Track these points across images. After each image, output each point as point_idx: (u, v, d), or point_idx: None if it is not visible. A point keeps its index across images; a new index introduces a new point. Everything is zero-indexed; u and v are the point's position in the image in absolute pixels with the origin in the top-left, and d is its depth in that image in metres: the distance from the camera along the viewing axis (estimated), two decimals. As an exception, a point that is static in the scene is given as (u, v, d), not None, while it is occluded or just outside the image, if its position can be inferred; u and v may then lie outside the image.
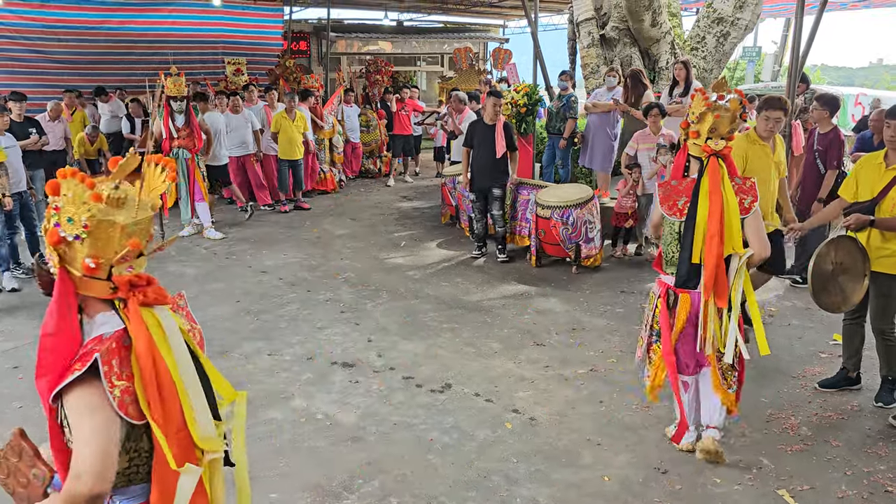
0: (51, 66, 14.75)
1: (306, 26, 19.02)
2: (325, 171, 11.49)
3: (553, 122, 9.15)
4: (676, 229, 3.50)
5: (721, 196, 3.33)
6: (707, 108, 3.45)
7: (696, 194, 3.39)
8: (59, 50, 14.80)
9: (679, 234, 3.48)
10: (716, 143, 3.40)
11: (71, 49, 14.90)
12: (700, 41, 10.63)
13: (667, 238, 3.59)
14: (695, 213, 3.36)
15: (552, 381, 4.61)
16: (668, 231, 3.57)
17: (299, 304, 6.10)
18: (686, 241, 3.40)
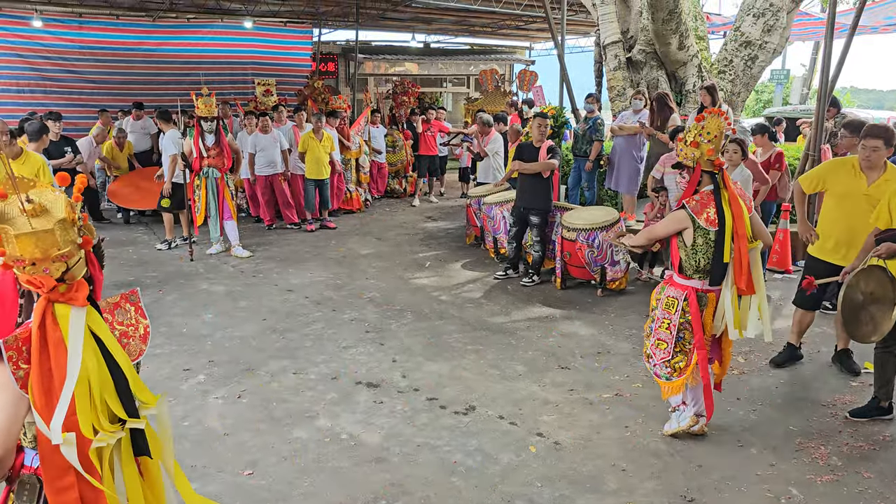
0: (86, 87, 15.12)
1: (334, 48, 19.29)
2: (351, 190, 11.60)
3: (579, 145, 9.17)
4: (712, 238, 3.83)
5: (739, 202, 3.85)
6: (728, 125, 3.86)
7: (718, 204, 3.81)
8: (95, 70, 15.17)
9: (712, 242, 3.82)
10: (720, 158, 3.88)
11: (106, 69, 15.27)
12: (728, 64, 10.60)
13: (699, 248, 3.86)
14: (723, 219, 3.79)
15: (577, 405, 4.59)
16: (703, 242, 3.84)
17: (324, 323, 6.14)
18: (719, 245, 3.80)
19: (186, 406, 4.53)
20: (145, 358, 2.49)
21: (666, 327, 3.99)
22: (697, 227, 3.84)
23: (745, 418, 4.39)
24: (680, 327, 3.94)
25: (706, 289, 3.91)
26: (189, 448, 3.99)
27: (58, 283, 1.95)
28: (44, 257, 1.90)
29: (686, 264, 3.93)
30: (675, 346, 3.97)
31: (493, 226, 8.29)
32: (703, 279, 3.90)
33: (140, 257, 8.56)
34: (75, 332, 1.95)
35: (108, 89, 15.20)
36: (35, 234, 1.87)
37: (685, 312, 3.93)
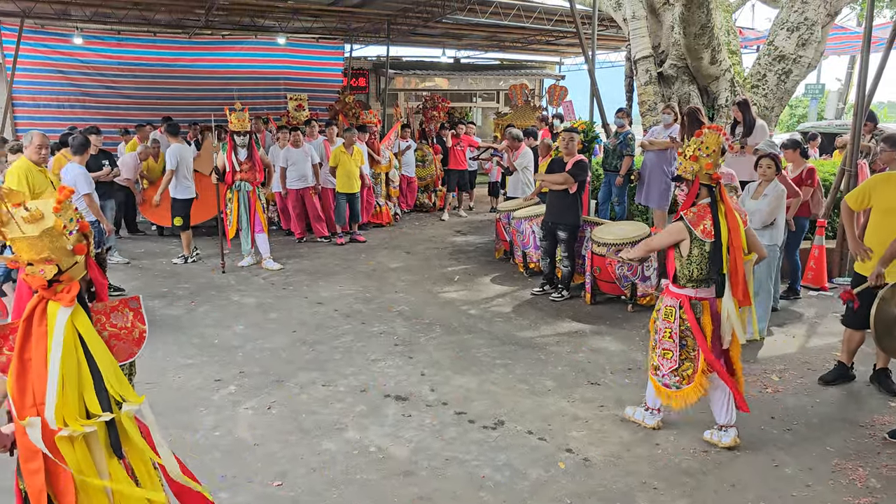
0: (123, 102, 15.48)
1: (365, 63, 19.50)
2: (381, 204, 11.67)
3: (609, 160, 9.13)
4: (707, 249, 3.98)
5: (735, 215, 4.00)
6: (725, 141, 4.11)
7: (715, 216, 3.96)
8: (132, 86, 15.54)
9: (709, 254, 3.97)
10: (718, 172, 4.03)
11: (143, 85, 15.63)
12: (761, 79, 10.50)
13: (694, 259, 4.01)
14: (719, 232, 3.93)
15: (607, 421, 4.54)
16: (698, 253, 3.99)
17: (354, 336, 6.17)
18: (717, 256, 3.94)
19: (217, 416, 4.58)
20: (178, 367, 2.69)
21: (668, 336, 4.15)
22: (694, 238, 3.99)
23: (780, 438, 4.31)
24: (681, 334, 4.11)
25: (699, 297, 4.08)
26: (219, 458, 4.03)
27: (55, 283, 2.19)
28: (37, 259, 2.15)
29: (680, 274, 4.09)
30: (681, 353, 4.11)
31: (523, 240, 8.27)
32: (695, 287, 4.07)
33: (173, 269, 8.69)
34: (58, 329, 2.17)
35: (145, 104, 15.56)
36: (26, 239, 2.12)
37: (683, 320, 4.09)
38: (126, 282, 7.88)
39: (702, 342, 4.04)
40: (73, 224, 2.24)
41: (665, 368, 4.18)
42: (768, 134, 7.88)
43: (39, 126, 13.96)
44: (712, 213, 3.97)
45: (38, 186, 5.99)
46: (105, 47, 15.15)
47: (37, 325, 2.19)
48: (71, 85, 14.97)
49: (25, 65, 14.08)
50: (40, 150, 6.31)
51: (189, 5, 13.31)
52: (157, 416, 4.46)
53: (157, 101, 15.71)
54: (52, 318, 2.18)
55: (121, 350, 2.33)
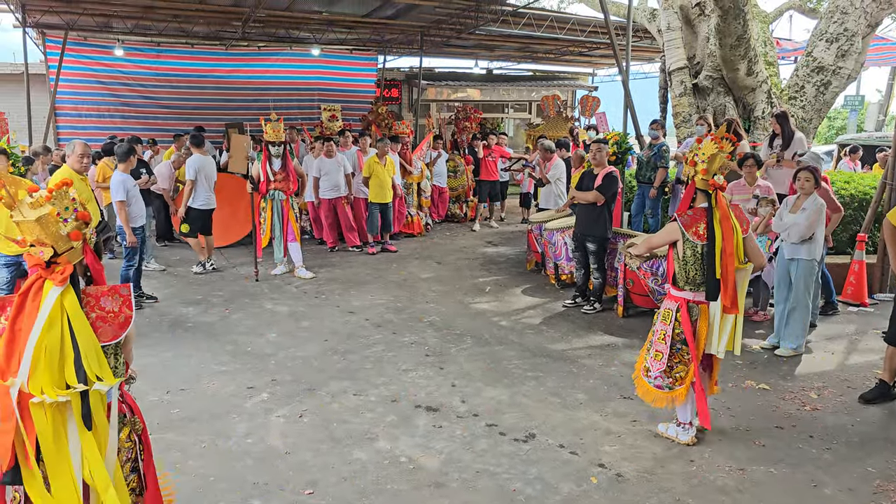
0: (161, 112, 15.79)
1: (398, 74, 19.62)
2: (413, 214, 11.71)
3: (643, 171, 9.05)
4: (699, 251, 4.11)
5: (730, 222, 4.09)
6: (719, 151, 4.09)
7: (710, 221, 4.06)
8: (170, 96, 15.84)
9: (702, 256, 4.10)
10: (719, 179, 4.10)
11: (181, 95, 15.92)
12: (799, 90, 10.35)
13: (689, 260, 4.15)
14: (713, 236, 4.03)
15: (640, 436, 4.48)
16: (691, 254, 4.13)
17: (385, 346, 6.18)
18: (710, 260, 4.05)
19: (250, 423, 4.61)
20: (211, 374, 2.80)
21: (662, 338, 4.27)
22: (686, 239, 4.15)
23: (819, 457, 4.20)
24: (675, 338, 4.21)
25: (697, 300, 4.19)
26: (252, 465, 4.05)
27: (52, 264, 2.42)
28: (36, 241, 2.40)
29: (679, 276, 4.23)
30: (674, 356, 4.21)
31: (555, 252, 8.23)
32: (693, 290, 4.18)
33: (208, 277, 8.80)
34: (45, 305, 2.39)
35: (182, 114, 15.85)
36: (25, 222, 2.37)
37: (678, 323, 4.20)
38: (160, 289, 8.01)
39: (693, 349, 4.17)
40: (70, 213, 2.47)
41: (655, 370, 4.27)
42: (806, 146, 7.75)
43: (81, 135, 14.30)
44: (707, 218, 4.09)
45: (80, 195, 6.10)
46: (145, 59, 15.48)
47: (31, 300, 2.40)
48: (111, 95, 15.32)
49: (68, 76, 14.44)
50: (82, 158, 6.46)
51: (226, 17, 13.55)
52: (190, 421, 4.54)
53: (194, 111, 15.99)
54: (41, 296, 2.40)
55: (105, 332, 2.51)
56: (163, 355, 5.85)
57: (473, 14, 13.32)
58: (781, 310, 6.05)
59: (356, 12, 13.63)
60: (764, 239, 6.71)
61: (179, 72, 15.85)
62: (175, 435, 4.41)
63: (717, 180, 4.10)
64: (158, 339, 6.29)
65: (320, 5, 12.92)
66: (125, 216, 7.24)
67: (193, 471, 3.98)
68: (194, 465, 4.05)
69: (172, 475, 3.88)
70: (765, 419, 4.71)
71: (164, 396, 5.03)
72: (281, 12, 13.18)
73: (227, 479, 3.90)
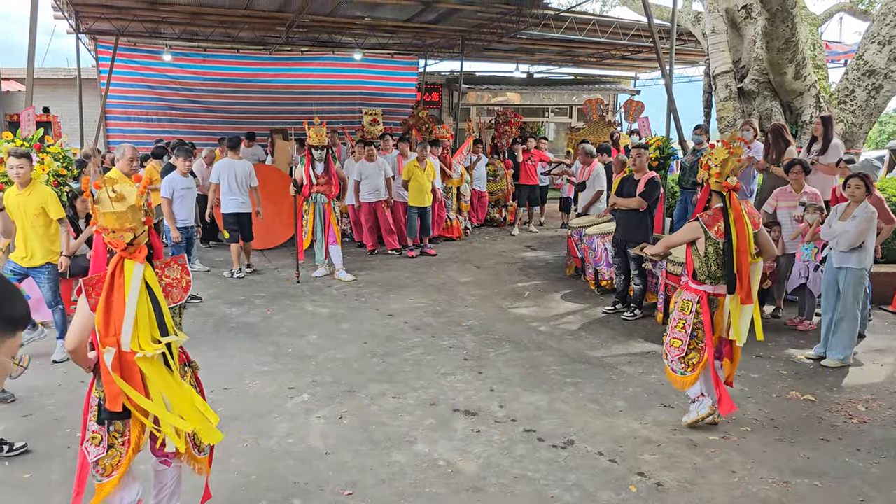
0: (207, 115, 16.12)
1: (439, 78, 19.70)
2: (452, 218, 11.75)
3: (686, 177, 8.94)
4: (721, 248, 4.40)
5: (743, 221, 4.37)
6: (730, 154, 4.39)
7: (726, 221, 4.37)
8: (216, 100, 16.17)
9: (722, 252, 4.39)
10: (732, 181, 4.37)
11: (226, 99, 16.25)
12: (849, 94, 10.11)
13: (710, 256, 4.45)
14: (730, 235, 4.34)
15: (680, 445, 4.42)
16: (713, 251, 4.44)
17: (423, 349, 6.22)
18: (728, 256, 4.34)
19: (291, 424, 4.68)
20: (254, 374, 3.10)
21: (681, 327, 4.56)
22: (709, 237, 4.44)
23: (867, 471, 4.10)
24: (694, 327, 4.51)
25: (717, 293, 4.49)
26: (292, 465, 4.12)
27: (128, 246, 2.94)
28: (119, 228, 2.91)
29: (699, 271, 4.52)
30: (690, 343, 4.51)
31: (595, 257, 8.18)
32: (714, 284, 4.48)
33: (251, 278, 8.96)
34: (135, 280, 2.93)
35: (227, 118, 16.17)
36: (115, 213, 2.89)
37: (698, 314, 4.50)
38: (204, 290, 8.18)
39: (709, 339, 4.44)
40: (144, 202, 3.01)
41: (671, 355, 4.59)
42: (842, 152, 7.58)
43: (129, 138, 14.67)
44: (724, 217, 4.39)
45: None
46: (192, 63, 15.85)
47: (117, 277, 2.93)
48: (159, 99, 15.71)
49: (118, 80, 14.86)
50: (131, 162, 6.64)
51: (271, 23, 13.79)
52: (233, 420, 4.63)
53: (239, 114, 16.31)
54: (129, 272, 2.93)
55: (174, 295, 3.12)
56: (207, 355, 5.98)
57: (514, 18, 13.32)
58: (829, 319, 5.91)
59: (398, 17, 13.75)
60: (811, 246, 6.57)
61: (225, 76, 16.19)
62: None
63: (730, 182, 4.37)
64: (203, 339, 6.42)
65: (363, 10, 13.07)
66: (169, 213, 7.45)
67: (236, 469, 4.06)
68: (237, 462, 4.13)
69: (216, 472, 3.98)
70: (810, 431, 4.61)
71: (208, 395, 5.10)
72: (324, 17, 13.37)
73: (269, 478, 3.97)
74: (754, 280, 4.45)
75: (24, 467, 4.05)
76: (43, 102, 14.73)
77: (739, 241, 4.34)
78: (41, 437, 4.45)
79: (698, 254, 4.50)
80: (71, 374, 5.51)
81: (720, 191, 4.44)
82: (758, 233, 4.49)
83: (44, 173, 6.28)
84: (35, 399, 5.04)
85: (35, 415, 4.79)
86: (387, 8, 12.83)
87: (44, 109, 14.02)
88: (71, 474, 3.94)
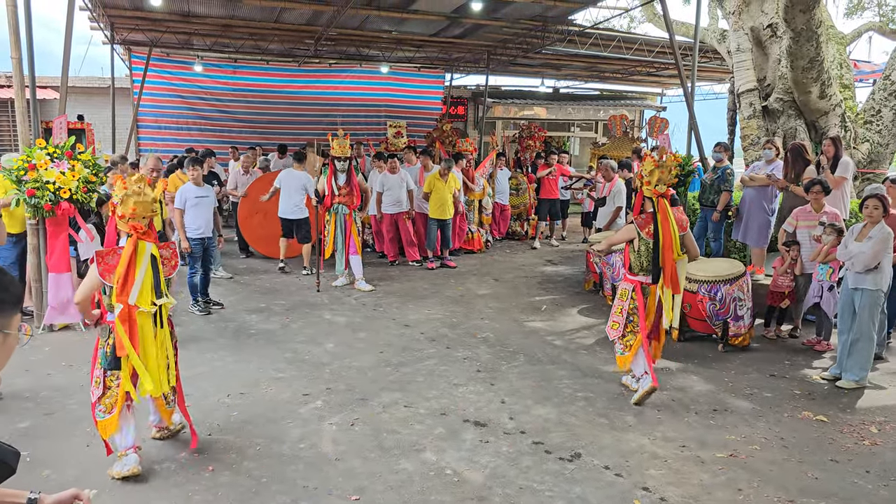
0: (235, 125, 16.44)
1: (465, 92, 19.86)
2: (473, 231, 11.82)
3: (706, 194, 8.90)
4: (651, 246, 5.18)
5: (669, 223, 5.14)
6: (655, 167, 5.12)
7: (655, 223, 5.13)
8: (245, 110, 16.49)
9: (651, 249, 5.17)
10: (661, 189, 5.12)
11: (255, 110, 16.56)
12: (875, 114, 10.05)
13: (641, 252, 5.26)
14: (657, 234, 5.12)
15: (688, 461, 4.43)
16: (644, 248, 5.23)
17: (437, 360, 6.29)
18: (656, 253, 5.14)
19: (304, 429, 4.78)
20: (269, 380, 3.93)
21: (619, 311, 5.38)
22: (641, 237, 5.24)
23: (875, 493, 4.08)
24: (630, 312, 5.32)
25: (648, 283, 5.28)
26: (302, 469, 4.21)
27: (145, 229, 4.06)
28: (142, 213, 4.04)
29: (634, 265, 5.33)
30: (626, 326, 5.33)
31: (613, 273, 8.20)
32: (646, 275, 5.28)
33: (272, 286, 9.12)
34: (146, 256, 4.04)
35: (255, 128, 16.47)
36: (143, 201, 4.02)
37: (633, 300, 5.31)
38: (227, 296, 8.34)
39: (643, 322, 5.25)
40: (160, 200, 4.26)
41: (612, 336, 5.44)
42: (852, 170, 7.56)
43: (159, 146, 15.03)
44: (654, 220, 5.13)
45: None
46: (222, 74, 16.19)
47: (132, 252, 3.99)
48: (190, 109, 16.05)
49: (150, 90, 15.22)
50: (152, 172, 6.78)
51: (300, 35, 14.05)
52: (247, 424, 4.75)
53: (267, 125, 16.61)
54: (142, 249, 4.04)
55: (167, 270, 4.25)
56: (226, 359, 6.11)
57: (540, 34, 13.42)
58: (844, 340, 5.88)
59: (424, 31, 13.93)
60: (825, 267, 6.54)
61: (254, 87, 16.51)
62: (233, 437, 4.62)
63: (658, 189, 5.12)
64: (223, 345, 6.56)
65: (390, 24, 13.26)
66: (181, 224, 7.58)
67: (248, 472, 4.16)
68: (249, 466, 4.23)
69: (228, 475, 4.08)
70: (820, 451, 4.60)
71: (224, 399, 5.26)
72: (352, 31, 13.59)
73: (279, 482, 4.06)
74: (680, 274, 5.21)
75: (44, 464, 4.19)
76: (78, 110, 15.15)
77: (665, 241, 5.11)
78: (61, 435, 4.59)
79: (634, 250, 5.31)
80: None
81: (651, 197, 5.18)
82: (684, 235, 5.24)
83: (74, 180, 6.49)
84: (58, 399, 5.20)
85: (57, 413, 4.95)
86: (414, 22, 13.01)
87: (78, 117, 14.42)
88: (88, 472, 4.09)
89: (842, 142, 7.62)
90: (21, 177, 6.40)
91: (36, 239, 6.80)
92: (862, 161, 10.22)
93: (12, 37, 6.41)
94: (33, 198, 6.43)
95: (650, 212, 5.21)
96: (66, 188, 6.46)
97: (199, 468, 4.17)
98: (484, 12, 11.76)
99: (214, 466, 4.20)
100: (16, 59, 6.51)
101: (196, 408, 5.03)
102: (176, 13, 12.27)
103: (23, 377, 5.64)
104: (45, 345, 6.50)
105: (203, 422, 4.82)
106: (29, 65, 6.54)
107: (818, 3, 8.76)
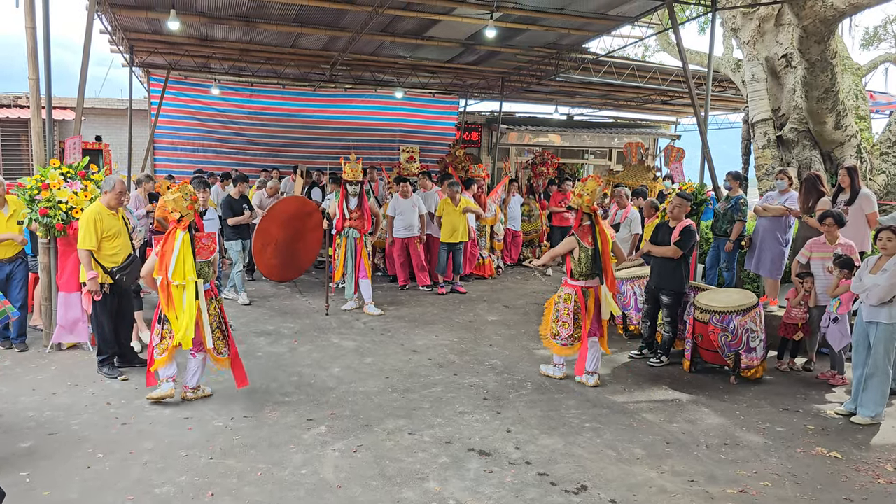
0: (251, 148, 16.58)
1: (479, 118, 19.95)
2: (484, 256, 11.78)
3: (719, 224, 8.83)
4: (590, 253, 6.16)
5: (605, 233, 6.20)
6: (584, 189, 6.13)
7: (594, 234, 6.16)
8: (260, 133, 16.65)
9: (591, 257, 6.15)
10: (595, 205, 6.21)
11: (270, 133, 16.71)
12: (891, 146, 9.98)
13: (582, 260, 6.18)
14: (596, 243, 6.15)
15: (696, 497, 4.33)
16: (584, 256, 6.17)
17: (444, 387, 6.22)
18: (595, 259, 6.17)
19: (306, 455, 4.72)
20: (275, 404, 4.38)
21: (567, 313, 6.23)
22: (582, 246, 6.17)
23: (890, 535, 3.96)
24: (575, 313, 6.21)
25: (587, 286, 6.24)
26: (303, 496, 4.15)
27: (178, 221, 5.38)
28: (176, 209, 5.34)
29: (575, 272, 6.24)
30: (574, 324, 6.20)
31: (623, 302, 8.11)
32: (585, 280, 6.22)
33: (281, 308, 9.11)
34: (178, 240, 5.34)
35: (270, 151, 16.62)
36: (174, 200, 5.34)
37: (577, 303, 6.21)
38: (237, 318, 8.33)
39: (585, 320, 6.22)
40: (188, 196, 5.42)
41: (563, 335, 6.25)
42: (874, 203, 7.44)
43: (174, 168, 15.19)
44: (592, 232, 6.15)
45: (107, 230, 6.12)
46: (238, 97, 16.38)
47: (171, 240, 5.36)
48: (205, 131, 16.23)
49: (167, 112, 15.41)
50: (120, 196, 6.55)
51: (316, 60, 14.20)
52: (249, 448, 4.70)
53: (282, 147, 16.75)
54: (176, 235, 5.36)
55: (203, 254, 5.47)
56: (231, 382, 6.08)
57: (554, 62, 13.49)
58: (860, 375, 5.75)
59: (439, 58, 14.04)
60: (834, 299, 6.43)
61: (270, 111, 16.68)
62: (234, 461, 4.57)
63: (595, 206, 6.20)
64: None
65: (405, 50, 13.38)
66: None
67: (248, 497, 4.10)
68: (249, 491, 4.17)
69: (229, 500, 4.03)
70: (833, 489, 4.48)
71: (228, 423, 5.22)
72: (367, 56, 13.72)
73: (279, 508, 4.00)
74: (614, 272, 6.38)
75: (44, 484, 4.16)
76: (96, 131, 15.36)
77: (603, 247, 6.17)
78: (64, 455, 4.57)
79: (574, 260, 6.21)
80: (98, 396, 5.66)
81: (589, 212, 6.19)
82: (614, 243, 6.38)
83: (86, 199, 6.54)
84: (61, 419, 5.19)
85: (60, 433, 4.93)
86: (429, 49, 13.13)
87: (96, 138, 14.61)
88: (89, 493, 4.05)
89: (858, 171, 7.53)
90: (34, 196, 6.46)
91: (47, 258, 6.84)
92: (878, 192, 10.12)
93: (30, 58, 6.51)
94: (45, 217, 6.48)
95: (588, 224, 6.21)
96: (77, 208, 6.50)
97: (199, 493, 4.12)
98: (498, 40, 11.83)
99: (215, 491, 4.15)
100: (33, 80, 6.61)
101: (199, 431, 5.00)
102: (194, 37, 12.45)
103: (28, 396, 5.63)
104: (51, 364, 6.51)
105: (205, 446, 4.78)
106: (46, 86, 6.63)
107: (833, 35, 8.75)
